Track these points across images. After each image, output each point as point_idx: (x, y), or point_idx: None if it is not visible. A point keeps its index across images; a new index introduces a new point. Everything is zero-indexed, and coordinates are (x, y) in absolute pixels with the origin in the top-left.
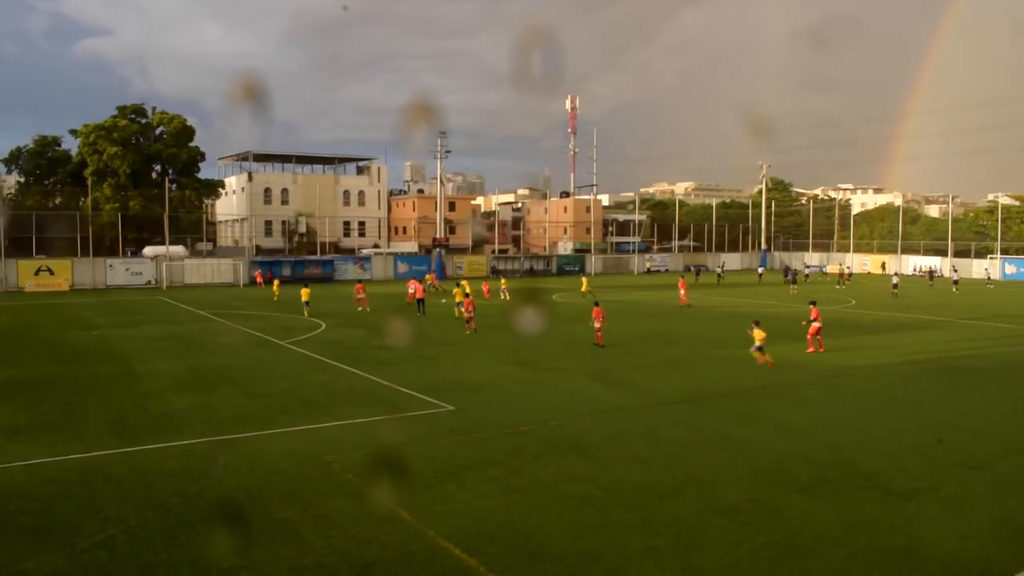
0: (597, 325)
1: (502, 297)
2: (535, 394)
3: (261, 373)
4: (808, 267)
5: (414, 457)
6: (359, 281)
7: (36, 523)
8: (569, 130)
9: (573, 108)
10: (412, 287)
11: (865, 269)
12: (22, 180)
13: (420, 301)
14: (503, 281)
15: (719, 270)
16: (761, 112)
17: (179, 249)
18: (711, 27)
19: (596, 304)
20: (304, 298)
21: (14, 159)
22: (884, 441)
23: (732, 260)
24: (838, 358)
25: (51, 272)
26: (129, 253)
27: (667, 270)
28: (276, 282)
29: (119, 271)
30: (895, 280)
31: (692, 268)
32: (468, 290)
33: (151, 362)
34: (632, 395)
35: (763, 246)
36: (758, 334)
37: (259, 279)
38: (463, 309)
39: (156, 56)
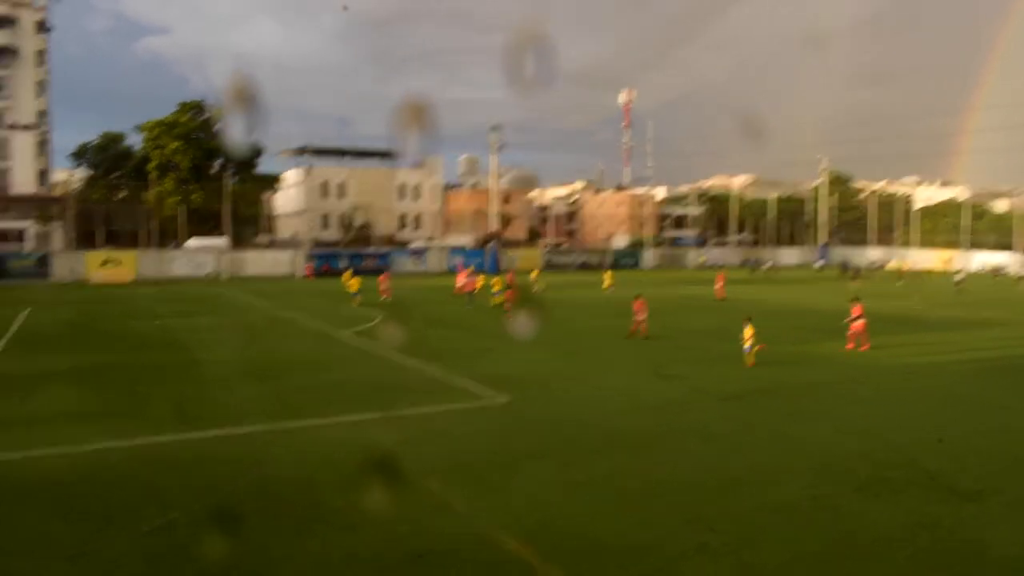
0: (640, 317)
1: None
2: (588, 388)
3: (317, 363)
4: (870, 263)
5: (468, 448)
6: (383, 272)
7: (102, 506)
8: (623, 124)
9: (628, 101)
10: (461, 280)
11: (928, 265)
12: (89, 175)
13: (470, 293)
14: (534, 273)
15: (767, 265)
16: (821, 105)
17: (221, 241)
18: (769, 18)
19: (638, 296)
20: (354, 288)
21: (81, 155)
22: (947, 441)
23: (790, 255)
24: (898, 355)
25: (116, 263)
26: (173, 245)
27: (723, 264)
28: (348, 274)
29: (181, 262)
30: (958, 276)
31: (749, 262)
32: (509, 282)
33: (212, 351)
34: (685, 390)
35: (822, 241)
36: (748, 331)
37: (308, 272)
38: (503, 298)
39: (212, 53)
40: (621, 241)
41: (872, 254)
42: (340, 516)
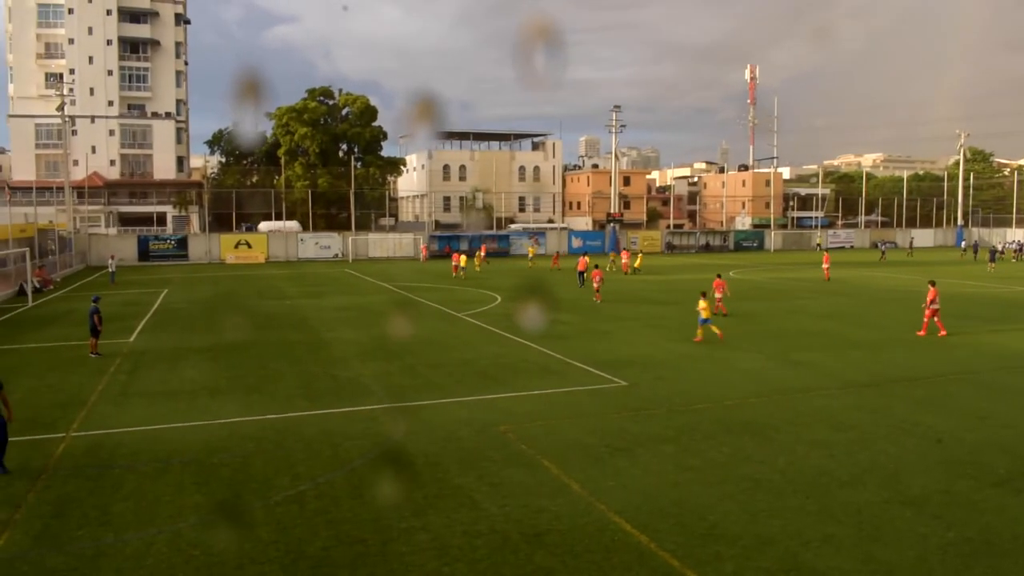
0: (719, 295)
1: (630, 270)
2: (709, 372)
3: (439, 343)
4: (1009, 243)
5: (586, 430)
6: (457, 250)
7: (235, 476)
8: (748, 101)
9: (752, 78)
10: (583, 264)
11: None
12: (223, 160)
13: (581, 274)
14: (612, 256)
15: (890, 246)
16: (959, 77)
17: (294, 224)
18: None
19: (719, 276)
20: (462, 263)
21: (216, 141)
22: None
23: (924, 236)
24: None
25: (249, 245)
26: (244, 228)
27: (852, 247)
28: (463, 256)
29: (309, 245)
30: None
31: (879, 245)
32: (596, 262)
33: (337, 330)
34: (812, 377)
35: (960, 221)
36: (702, 304)
37: (424, 254)
38: (591, 277)
39: (339, 40)
40: (744, 223)
41: (1014, 235)
42: (462, 493)
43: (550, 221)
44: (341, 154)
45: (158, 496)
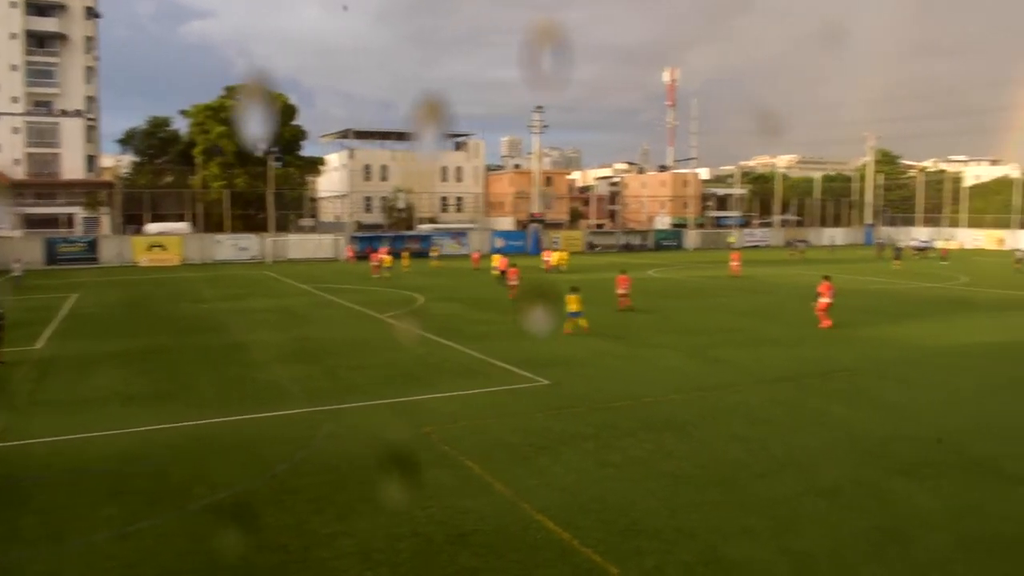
0: (621, 291)
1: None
2: (630, 370)
3: (361, 345)
4: (921, 242)
5: (509, 430)
6: (377, 249)
7: (151, 486)
8: (667, 102)
9: (672, 80)
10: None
11: (978, 244)
12: (135, 160)
13: (503, 273)
14: (561, 255)
15: (801, 246)
16: (867, 81)
17: (183, 225)
18: None
19: (623, 272)
20: (386, 263)
21: (128, 140)
22: (994, 423)
23: (836, 235)
24: (947, 337)
25: (163, 248)
26: (132, 230)
27: (767, 245)
28: (388, 257)
29: (227, 246)
30: (1019, 255)
31: (794, 243)
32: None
33: (257, 334)
34: (729, 373)
35: (869, 220)
36: (571, 299)
37: (350, 255)
38: (507, 277)
39: (257, 36)
40: (664, 222)
41: (919, 234)
42: (384, 496)
43: (473, 222)
44: (259, 154)
45: (70, 509)
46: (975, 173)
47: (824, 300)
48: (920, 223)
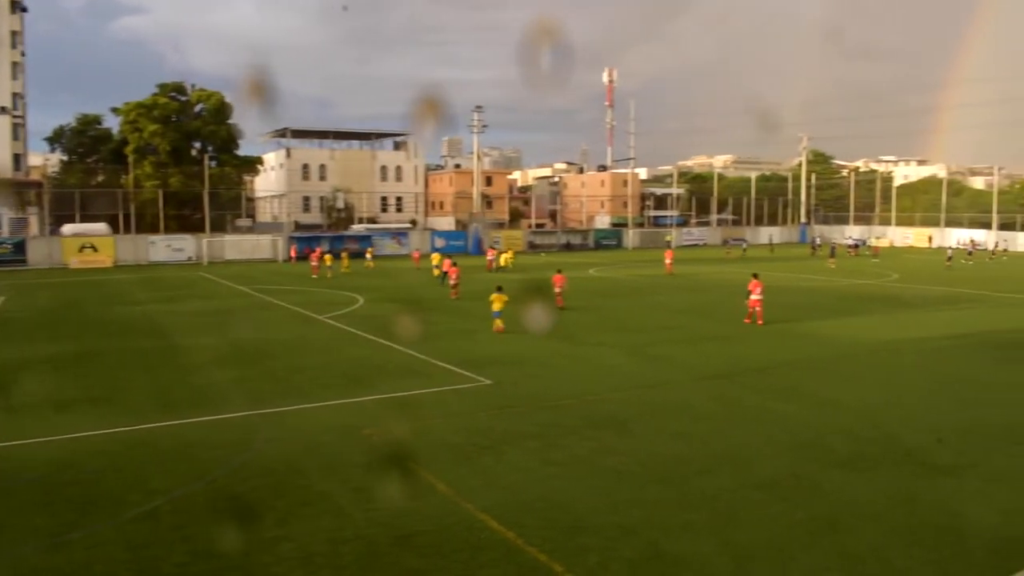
0: (557, 290)
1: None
2: (572, 369)
3: (300, 347)
4: (854, 240)
5: (452, 430)
6: (315, 248)
7: (84, 494)
8: (606, 103)
9: (611, 81)
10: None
11: (907, 242)
12: (65, 159)
13: (445, 275)
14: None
15: (740, 243)
16: (801, 83)
17: (100, 226)
18: None
19: (559, 271)
20: (327, 262)
21: (57, 138)
22: (924, 416)
23: (772, 233)
24: (879, 333)
25: (95, 249)
26: (48, 231)
27: (705, 244)
28: (328, 256)
29: (160, 247)
30: (949, 252)
31: (731, 242)
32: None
33: (193, 337)
34: (669, 370)
35: (803, 219)
36: (497, 298)
37: (294, 255)
38: (449, 276)
39: (191, 33)
40: (603, 222)
41: (851, 232)
42: (326, 498)
43: (412, 222)
44: (194, 152)
45: None
46: (904, 173)
47: (754, 297)
48: (852, 222)
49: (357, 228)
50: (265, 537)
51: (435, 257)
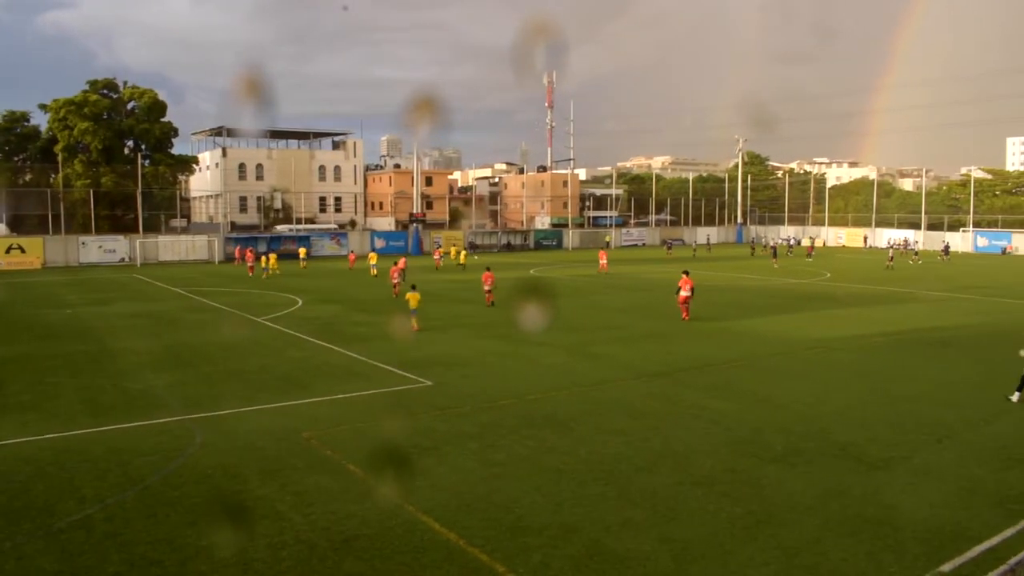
0: (487, 288)
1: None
2: (513, 368)
3: (238, 350)
4: (787, 240)
5: (392, 432)
6: (246, 247)
7: (12, 504)
8: (546, 104)
9: (550, 82)
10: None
11: (840, 242)
12: None
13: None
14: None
15: (672, 244)
16: (736, 86)
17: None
18: None
19: (487, 269)
20: (272, 264)
21: None
22: (857, 412)
23: (709, 234)
24: (813, 330)
25: (22, 250)
26: None
27: (644, 244)
28: (273, 256)
29: (92, 249)
30: (891, 252)
31: (667, 242)
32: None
33: (126, 340)
34: (609, 369)
35: (739, 220)
36: (412, 297)
37: (238, 256)
38: (390, 275)
39: (121, 28)
40: (544, 222)
41: (786, 232)
42: (265, 503)
43: (352, 222)
44: (127, 151)
45: None
46: (836, 175)
47: (684, 293)
48: (787, 222)
49: (280, 228)
50: (201, 544)
51: (372, 256)
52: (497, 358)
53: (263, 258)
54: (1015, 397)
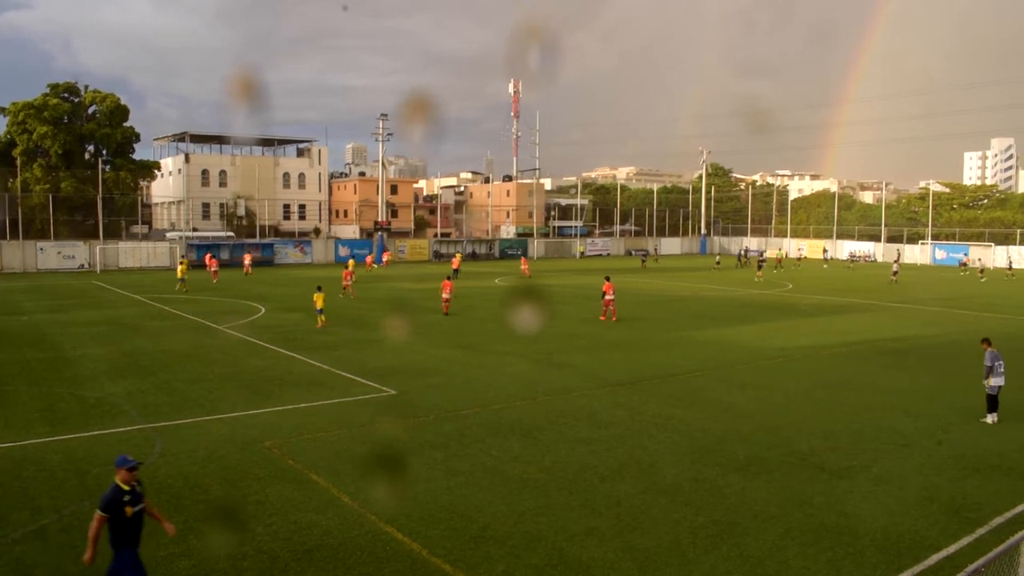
0: (445, 296)
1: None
2: (477, 377)
3: (198, 358)
4: (751, 251)
5: (355, 441)
6: (183, 257)
7: None
8: (511, 113)
9: (516, 92)
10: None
11: (801, 254)
12: None
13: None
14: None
15: (644, 254)
16: (700, 98)
17: None
18: (649, 9)
19: (448, 278)
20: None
21: None
22: (819, 421)
23: (672, 244)
24: (776, 340)
25: None
26: None
27: (609, 254)
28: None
29: (50, 254)
30: (895, 267)
31: (633, 252)
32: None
33: (84, 347)
34: (574, 378)
35: (703, 231)
36: (318, 297)
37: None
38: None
39: (81, 31)
40: (509, 231)
41: (748, 243)
42: (227, 514)
43: (316, 230)
44: (88, 156)
45: None
46: (798, 187)
47: (608, 297)
48: (750, 234)
49: (217, 235)
50: (161, 555)
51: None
52: (461, 367)
53: (178, 268)
54: (990, 419)
